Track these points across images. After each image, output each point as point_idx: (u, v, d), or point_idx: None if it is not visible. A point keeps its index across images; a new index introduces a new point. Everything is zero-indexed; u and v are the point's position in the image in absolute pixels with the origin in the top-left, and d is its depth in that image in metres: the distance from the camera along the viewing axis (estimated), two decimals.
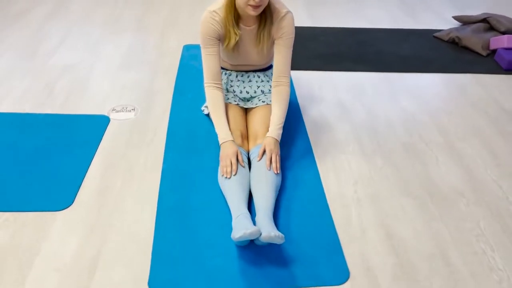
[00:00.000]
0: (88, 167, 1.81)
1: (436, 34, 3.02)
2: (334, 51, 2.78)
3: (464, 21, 3.14)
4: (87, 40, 2.82)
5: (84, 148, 1.91)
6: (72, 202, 1.64)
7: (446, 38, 2.94)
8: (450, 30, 2.99)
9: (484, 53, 2.78)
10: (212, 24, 1.74)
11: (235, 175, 1.62)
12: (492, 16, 3.03)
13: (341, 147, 1.99)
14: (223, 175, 1.64)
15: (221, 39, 1.80)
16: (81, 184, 1.72)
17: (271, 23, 1.77)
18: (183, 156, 1.89)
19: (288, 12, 1.77)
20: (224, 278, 1.39)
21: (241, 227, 1.39)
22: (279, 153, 1.73)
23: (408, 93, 2.41)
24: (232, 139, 1.73)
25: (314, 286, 1.38)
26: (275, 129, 1.77)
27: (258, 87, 2.00)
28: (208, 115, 2.11)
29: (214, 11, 1.74)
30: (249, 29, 1.80)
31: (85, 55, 2.65)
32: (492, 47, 2.79)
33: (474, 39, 2.83)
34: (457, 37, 2.88)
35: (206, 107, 2.07)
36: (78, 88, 2.33)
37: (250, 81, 2.00)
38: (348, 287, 1.39)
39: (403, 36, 3.04)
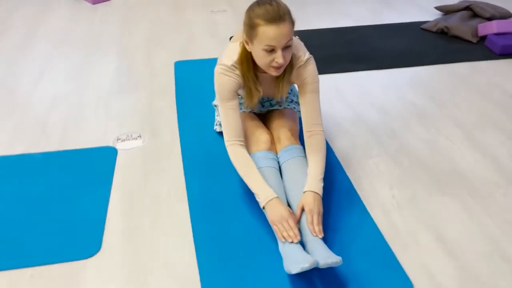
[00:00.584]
0: (107, 205, 1.67)
1: (423, 26, 3.03)
2: (329, 52, 2.73)
3: (447, 10, 3.18)
4: (68, 67, 2.64)
5: (97, 184, 1.76)
6: (100, 247, 1.50)
7: (434, 29, 2.96)
8: (437, 20, 3.01)
9: (474, 40, 2.81)
10: (232, 77, 1.57)
11: (298, 241, 1.40)
12: (474, 3, 3.08)
13: (364, 151, 1.94)
14: (284, 241, 1.40)
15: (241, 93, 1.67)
16: (104, 225, 1.58)
17: (291, 72, 1.60)
18: (206, 181, 1.77)
19: (309, 58, 1.60)
20: None
21: (296, 260, 1.30)
22: (321, 211, 1.47)
23: (413, 88, 2.40)
24: (277, 196, 1.49)
25: None
26: (314, 182, 1.52)
27: (274, 104, 1.90)
28: (221, 133, 2.01)
29: (232, 65, 1.56)
30: (265, 75, 1.64)
31: (71, 83, 2.48)
32: (481, 33, 2.83)
33: (462, 28, 2.86)
34: (445, 27, 2.90)
35: (219, 124, 1.97)
36: (73, 120, 2.17)
37: (263, 106, 1.90)
38: None
39: (391, 31, 3.03)
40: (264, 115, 1.89)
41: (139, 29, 3.13)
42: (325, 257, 1.31)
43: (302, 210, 1.47)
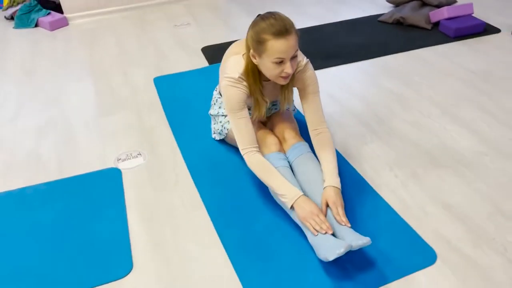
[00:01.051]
0: (127, 223, 1.68)
1: (380, 19, 3.23)
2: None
3: (398, 2, 3.40)
4: (44, 96, 2.59)
5: (111, 206, 1.76)
6: (132, 265, 1.51)
7: (390, 21, 3.17)
8: (392, 12, 3.22)
9: (428, 27, 3.04)
10: (240, 88, 1.63)
11: (332, 233, 1.47)
12: None
13: (358, 139, 2.06)
14: (317, 234, 1.46)
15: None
16: (130, 243, 1.59)
17: (293, 78, 1.68)
18: (217, 187, 1.83)
19: (307, 62, 1.70)
20: None
21: (330, 247, 1.39)
22: (343, 203, 1.55)
23: (386, 76, 2.56)
24: (302, 193, 1.56)
25: (410, 274, 1.43)
26: (332, 177, 1.60)
27: (274, 104, 1.98)
28: (220, 140, 2.07)
29: (239, 77, 1.62)
30: (270, 83, 1.73)
31: (51, 111, 2.44)
32: (433, 20, 3.06)
33: (416, 16, 3.08)
34: (401, 17, 3.11)
35: (218, 133, 2.02)
36: (65, 146, 2.14)
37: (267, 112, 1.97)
38: (440, 264, 1.45)
39: (351, 26, 3.21)
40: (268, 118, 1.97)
41: (107, 51, 3.10)
42: (355, 239, 1.40)
43: (327, 205, 1.55)
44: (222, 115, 1.97)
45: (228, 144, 2.04)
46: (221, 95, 1.98)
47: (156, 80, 2.66)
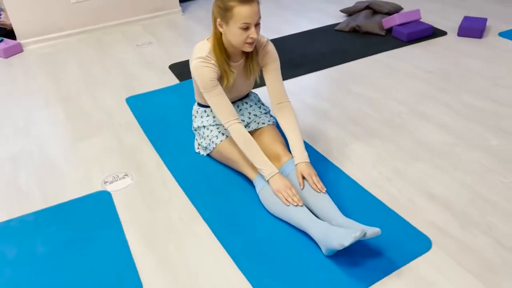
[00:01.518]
0: (127, 244, 1.66)
1: (337, 28, 3.40)
2: None
3: (350, 12, 3.60)
4: (12, 126, 2.49)
5: (107, 228, 1.73)
6: (141, 285, 1.50)
7: (347, 29, 3.34)
8: (347, 21, 3.40)
9: (382, 33, 3.24)
10: (210, 67, 1.77)
11: (302, 205, 1.65)
12: (371, 2, 3.53)
13: (338, 141, 2.16)
14: (289, 205, 1.65)
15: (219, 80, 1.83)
16: (135, 264, 1.58)
17: (257, 53, 1.87)
18: (213, 199, 1.85)
19: (268, 40, 1.89)
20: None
21: (344, 234, 1.45)
22: (316, 173, 1.75)
23: (352, 80, 2.70)
24: (278, 171, 1.75)
25: (410, 261, 1.52)
26: (301, 153, 1.79)
27: (250, 112, 2.05)
28: (207, 155, 2.09)
29: (206, 56, 1.77)
30: (237, 64, 1.87)
31: (24, 139, 2.35)
32: (386, 26, 3.27)
33: (370, 24, 3.28)
34: (357, 25, 3.30)
35: (203, 148, 2.05)
36: (46, 175, 2.07)
37: (240, 109, 2.05)
38: (436, 249, 1.56)
39: (311, 36, 3.35)
40: (251, 135, 2.02)
41: (70, 75, 3.04)
42: (367, 228, 1.48)
43: (302, 177, 1.73)
44: (205, 127, 2.00)
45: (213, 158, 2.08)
46: (199, 104, 2.04)
47: (129, 100, 2.65)
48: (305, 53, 3.08)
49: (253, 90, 2.30)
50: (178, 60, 3.12)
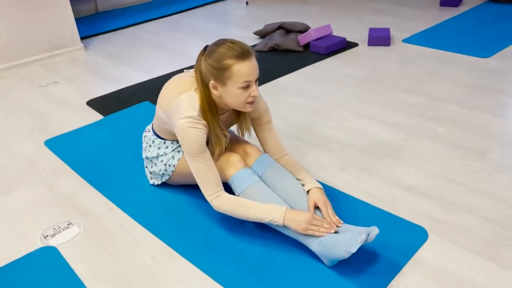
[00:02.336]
0: None
1: (255, 49, 3.39)
2: None
3: (264, 33, 3.63)
4: None
5: (64, 286, 1.41)
6: None
7: (266, 49, 3.35)
8: (264, 41, 3.41)
9: (301, 49, 3.31)
10: (200, 129, 1.50)
11: (335, 231, 1.45)
12: (283, 23, 3.61)
13: (299, 151, 2.09)
14: (325, 235, 1.41)
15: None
16: None
17: None
18: (185, 231, 1.63)
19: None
20: None
21: (347, 240, 1.35)
22: (331, 204, 1.55)
23: (288, 95, 2.67)
24: (285, 207, 1.49)
25: (414, 254, 1.47)
26: (312, 179, 1.62)
27: None
28: (161, 184, 1.86)
29: (197, 115, 1.49)
30: (224, 116, 1.66)
31: None
32: (303, 43, 3.35)
33: (288, 42, 3.33)
34: (275, 44, 3.33)
35: (158, 176, 1.82)
36: None
37: None
38: (433, 236, 1.54)
39: None
40: None
41: None
42: (367, 230, 1.38)
43: (315, 207, 1.53)
44: (161, 155, 1.78)
45: (170, 185, 1.85)
46: (157, 135, 1.81)
47: (49, 143, 2.29)
48: None
49: None
50: (96, 96, 2.82)
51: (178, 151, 1.75)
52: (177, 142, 1.78)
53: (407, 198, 1.73)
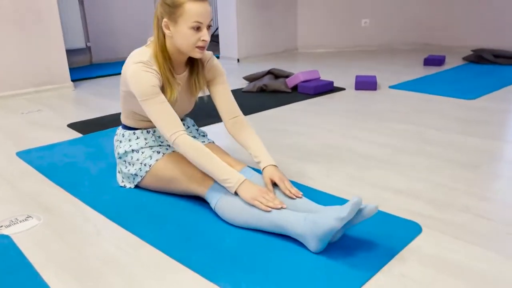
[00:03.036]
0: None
1: (244, 89, 3.42)
2: None
3: (253, 78, 3.69)
4: None
5: (16, 274, 1.23)
6: None
7: (255, 90, 3.38)
8: (253, 84, 3.45)
9: (288, 90, 3.34)
10: (152, 73, 1.50)
11: (285, 207, 1.38)
12: (271, 69, 3.69)
13: (286, 165, 1.99)
14: (270, 210, 1.36)
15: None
16: None
17: (203, 66, 1.66)
18: (158, 225, 1.48)
19: (212, 54, 1.71)
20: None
21: (337, 209, 1.24)
22: (287, 178, 1.52)
23: (277, 123, 2.63)
24: (246, 178, 1.45)
25: (406, 245, 1.33)
26: (267, 156, 1.58)
27: (189, 133, 1.81)
28: (135, 187, 1.73)
29: (147, 61, 1.51)
30: (180, 76, 1.63)
31: None
32: (291, 85, 3.39)
33: (276, 83, 3.37)
34: (264, 85, 3.36)
35: (131, 178, 1.70)
36: None
37: None
38: (427, 230, 1.41)
39: None
40: None
41: None
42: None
43: (273, 183, 1.50)
44: (135, 150, 1.68)
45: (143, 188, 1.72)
46: (126, 127, 1.73)
47: (21, 154, 2.17)
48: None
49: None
50: (77, 120, 2.76)
51: (158, 152, 1.66)
52: (148, 131, 1.70)
53: (397, 199, 1.61)
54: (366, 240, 1.34)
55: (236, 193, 1.43)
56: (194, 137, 1.82)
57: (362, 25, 5.51)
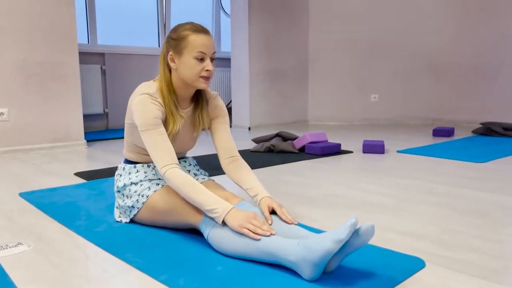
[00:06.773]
0: None
1: (252, 149, 3.45)
2: None
3: (261, 140, 3.73)
4: None
5: None
6: None
7: (262, 149, 3.40)
8: (261, 144, 3.49)
9: (296, 151, 3.36)
10: (156, 105, 1.55)
11: (274, 233, 1.34)
12: (279, 132, 3.74)
13: (287, 207, 1.94)
14: (259, 238, 1.31)
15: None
16: None
17: (207, 103, 1.72)
18: (147, 252, 1.42)
19: (217, 93, 1.78)
20: None
21: (334, 232, 1.18)
22: (283, 206, 1.53)
23: (283, 175, 2.61)
24: (233, 206, 1.43)
25: (408, 277, 1.25)
26: (263, 190, 1.59)
27: (189, 170, 1.80)
28: (130, 221, 1.70)
29: (153, 93, 1.57)
30: (184, 111, 1.68)
31: None
32: (298, 146, 3.41)
33: (284, 144, 3.40)
34: (271, 145, 3.39)
35: (127, 211, 1.67)
36: None
37: None
38: (431, 265, 1.33)
39: None
40: None
41: None
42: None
43: (271, 211, 1.50)
44: (134, 183, 1.67)
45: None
46: (127, 161, 1.74)
47: (24, 194, 2.17)
48: None
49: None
50: (85, 169, 2.79)
51: (158, 184, 1.65)
52: (149, 165, 1.71)
53: (401, 239, 1.54)
54: (365, 271, 1.27)
55: (224, 223, 1.39)
56: (195, 174, 1.81)
57: (372, 100, 5.65)
